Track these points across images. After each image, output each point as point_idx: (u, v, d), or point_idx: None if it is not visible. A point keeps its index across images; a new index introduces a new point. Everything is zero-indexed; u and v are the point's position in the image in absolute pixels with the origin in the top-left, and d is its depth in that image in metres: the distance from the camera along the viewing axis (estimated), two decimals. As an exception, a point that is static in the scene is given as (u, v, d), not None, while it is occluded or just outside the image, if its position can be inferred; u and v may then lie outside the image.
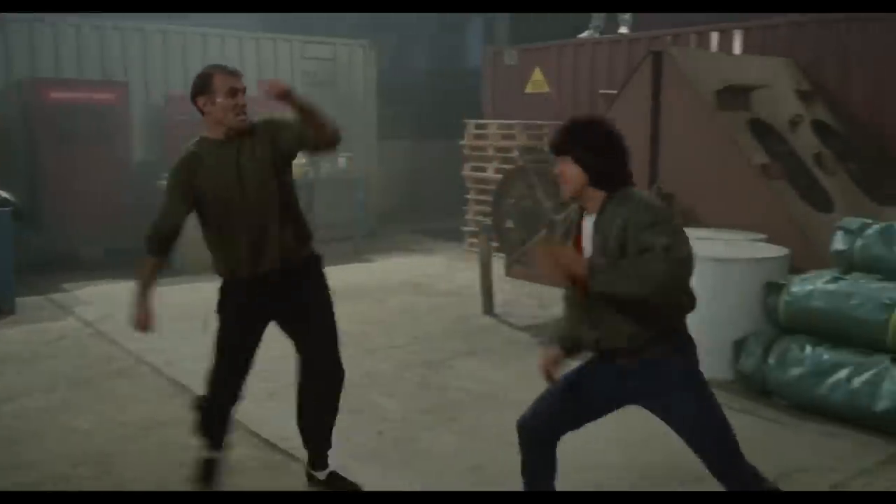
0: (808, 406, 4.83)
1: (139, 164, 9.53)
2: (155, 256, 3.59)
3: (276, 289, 3.54)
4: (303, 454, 3.98)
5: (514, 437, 4.29)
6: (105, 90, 9.26)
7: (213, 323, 3.69)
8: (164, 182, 3.62)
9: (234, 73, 3.44)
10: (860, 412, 4.56)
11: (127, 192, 9.24)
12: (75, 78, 9.40)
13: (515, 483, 3.92)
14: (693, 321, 5.50)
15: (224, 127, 3.41)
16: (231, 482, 3.83)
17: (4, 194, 7.43)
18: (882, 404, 4.47)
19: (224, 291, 3.64)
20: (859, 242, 5.15)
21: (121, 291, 8.02)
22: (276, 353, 3.94)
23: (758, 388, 5.12)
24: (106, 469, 4.09)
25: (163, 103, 9.92)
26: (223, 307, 3.63)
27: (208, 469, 3.68)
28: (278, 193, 3.48)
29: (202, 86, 3.39)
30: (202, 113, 3.43)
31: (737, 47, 8.80)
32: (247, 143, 3.44)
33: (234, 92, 3.38)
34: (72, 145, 8.88)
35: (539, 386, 3.54)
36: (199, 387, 4.85)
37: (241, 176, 3.40)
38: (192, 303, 7.28)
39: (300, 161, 10.03)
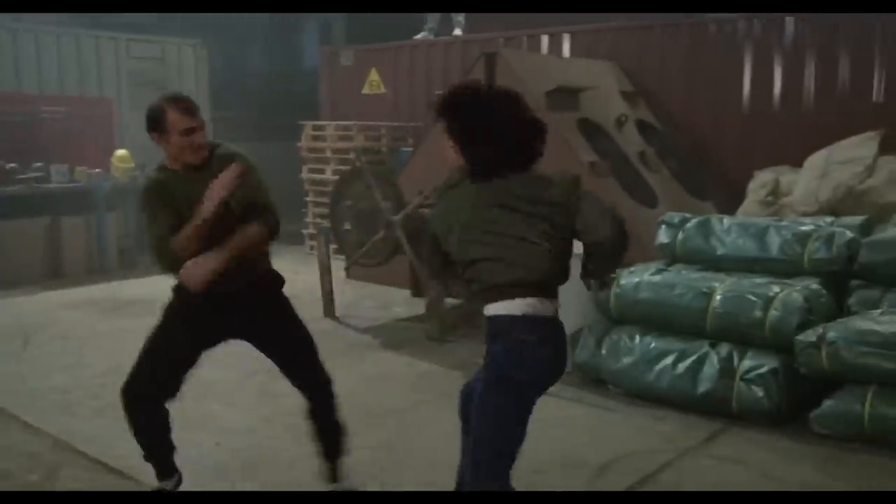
0: (639, 392, 5.05)
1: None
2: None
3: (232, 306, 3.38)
4: (136, 471, 3.77)
5: (360, 441, 4.25)
6: None
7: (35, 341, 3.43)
8: None
9: (191, 111, 3.25)
10: (685, 395, 4.82)
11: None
12: None
13: (357, 484, 3.89)
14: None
15: (181, 161, 3.29)
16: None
17: None
18: (703, 387, 4.74)
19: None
20: (680, 235, 5.46)
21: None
22: (103, 368, 3.72)
23: (592, 378, 5.32)
24: None
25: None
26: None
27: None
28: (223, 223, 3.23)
29: (156, 122, 3.25)
30: (158, 145, 3.32)
31: (566, 50, 9.13)
32: (203, 174, 3.24)
33: (190, 132, 3.22)
34: None
35: (380, 388, 3.52)
36: (14, 406, 4.53)
37: (191, 206, 3.16)
38: (8, 319, 6.79)
39: (127, 165, 9.59)
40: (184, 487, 3.68)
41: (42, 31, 10.00)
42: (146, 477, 3.93)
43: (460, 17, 10.59)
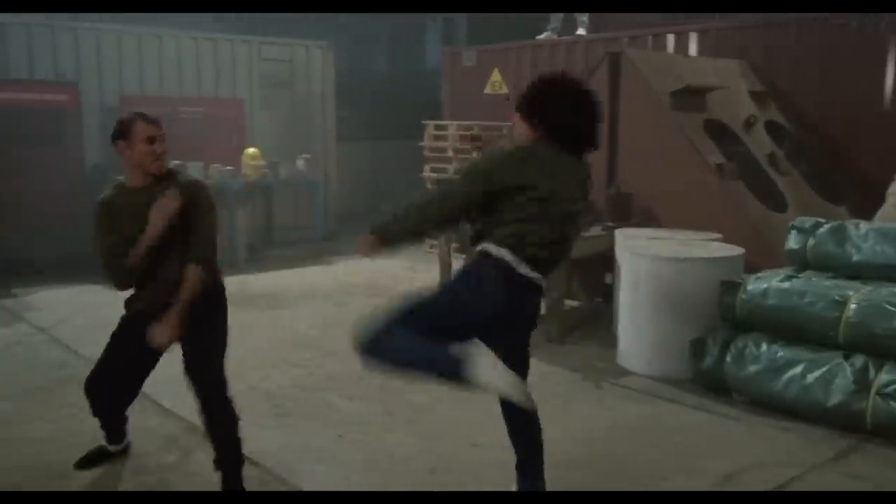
0: (765, 402, 4.90)
1: (92, 167, 9.35)
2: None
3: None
4: (261, 456, 3.93)
5: (477, 438, 4.31)
6: (56, 91, 9.06)
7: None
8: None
9: (155, 122, 3.60)
10: (814, 407, 4.65)
11: (80, 196, 9.07)
12: (25, 79, 9.20)
13: (478, 483, 3.94)
14: (651, 320, 5.59)
15: (140, 171, 3.60)
16: None
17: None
18: (834, 399, 4.55)
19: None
20: (812, 241, 5.25)
21: (74, 296, 7.89)
22: (230, 358, 3.90)
23: (715, 386, 5.19)
24: (61, 478, 4.00)
25: (117, 105, 9.76)
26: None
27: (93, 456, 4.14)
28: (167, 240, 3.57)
29: (122, 131, 3.56)
30: (121, 156, 3.61)
31: (692, 49, 8.92)
32: (152, 191, 3.57)
33: (152, 139, 3.55)
34: (22, 147, 8.69)
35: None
36: (154, 392, 4.81)
37: (138, 219, 3.53)
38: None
39: (257, 163, 10.01)
40: (297, 480, 3.80)
41: (183, 36, 10.54)
42: (272, 462, 4.11)
43: (584, 17, 10.50)
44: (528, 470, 3.53)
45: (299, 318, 7.06)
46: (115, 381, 3.91)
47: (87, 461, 4.12)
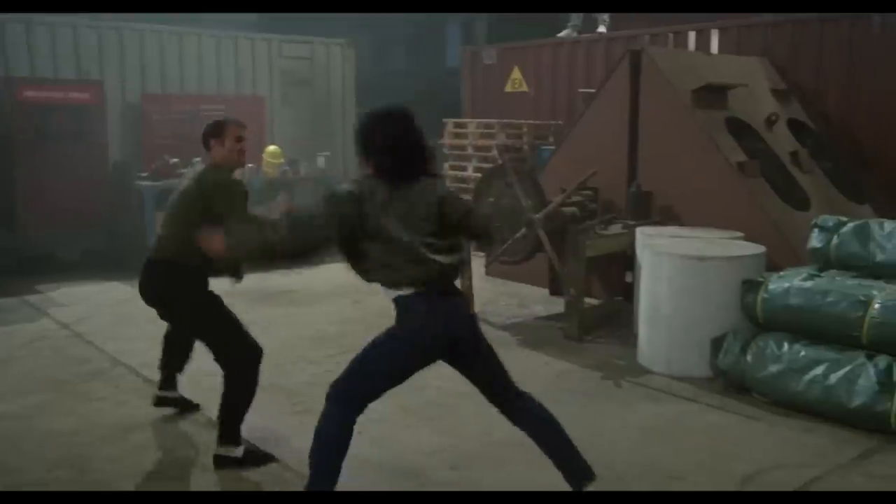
0: (786, 402, 4.87)
1: (116, 165, 9.44)
2: None
3: None
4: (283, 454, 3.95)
5: (495, 436, 4.31)
6: (80, 89, 9.16)
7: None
8: (141, 183, 4.15)
9: (242, 125, 4.28)
10: (836, 408, 4.61)
11: (103, 193, 9.17)
12: (50, 77, 9.29)
13: (496, 481, 3.94)
14: (671, 319, 5.56)
15: (230, 165, 4.23)
16: None
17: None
18: (857, 400, 4.51)
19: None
20: (835, 240, 5.20)
21: (97, 293, 7.97)
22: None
23: (736, 385, 5.16)
24: (83, 472, 4.05)
25: (139, 103, 9.85)
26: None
27: None
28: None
29: (215, 131, 4.18)
30: (211, 152, 4.19)
31: (714, 46, 8.86)
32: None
33: (240, 139, 4.22)
34: (47, 144, 8.78)
35: (518, 384, 3.55)
36: (180, 390, 4.85)
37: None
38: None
39: (277, 161, 10.05)
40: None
41: (205, 34, 10.61)
42: (291, 458, 4.13)
43: (605, 15, 10.46)
44: (574, 470, 3.49)
45: (318, 315, 7.08)
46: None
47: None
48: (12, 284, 8.09)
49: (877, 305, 4.57)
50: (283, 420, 4.70)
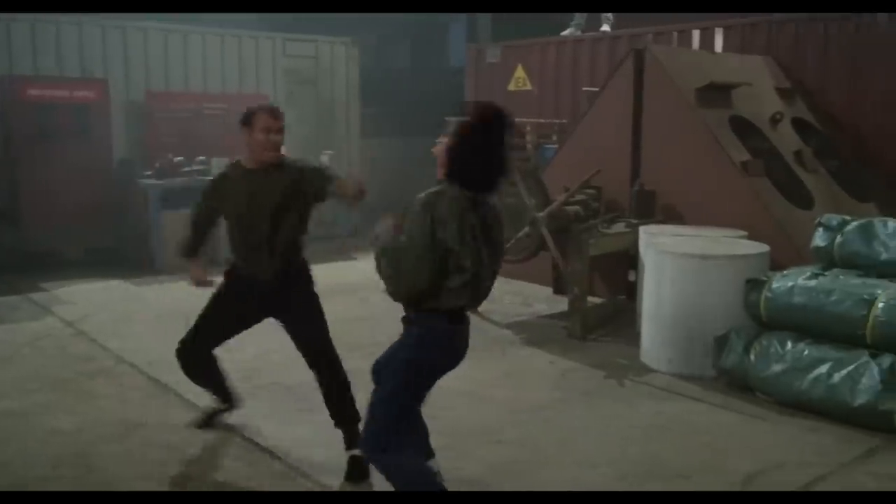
0: (790, 401, 4.86)
1: (120, 163, 9.45)
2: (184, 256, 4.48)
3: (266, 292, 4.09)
4: (283, 451, 3.94)
5: (501, 437, 4.31)
6: (84, 87, 9.16)
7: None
8: (145, 181, 4.10)
9: (274, 115, 3.97)
10: (840, 407, 4.60)
11: (107, 191, 9.17)
12: (54, 75, 9.30)
13: (496, 482, 3.94)
14: (674, 318, 5.56)
15: (255, 156, 3.98)
16: None
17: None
18: (861, 399, 4.51)
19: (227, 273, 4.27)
20: (839, 239, 5.20)
21: (101, 291, 7.98)
22: (253, 352, 3.92)
23: (740, 384, 5.16)
24: (87, 470, 4.05)
25: (143, 101, 9.85)
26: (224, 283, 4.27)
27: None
28: (280, 222, 4.01)
29: (246, 119, 3.95)
30: (245, 140, 3.99)
31: (718, 45, 8.84)
32: (267, 176, 3.98)
33: (268, 130, 3.91)
34: (51, 142, 8.79)
35: (521, 385, 3.55)
36: (182, 387, 4.85)
37: (249, 201, 3.99)
38: (172, 302, 7.25)
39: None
40: (320, 476, 3.81)
41: (208, 33, 10.61)
42: (294, 456, 4.14)
43: (608, 13, 10.44)
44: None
45: (326, 313, 7.07)
46: (206, 344, 4.30)
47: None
48: (16, 282, 8.11)
49: (881, 304, 4.56)
50: (287, 418, 4.71)
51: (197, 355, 4.27)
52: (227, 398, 4.52)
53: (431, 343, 3.16)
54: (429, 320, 3.12)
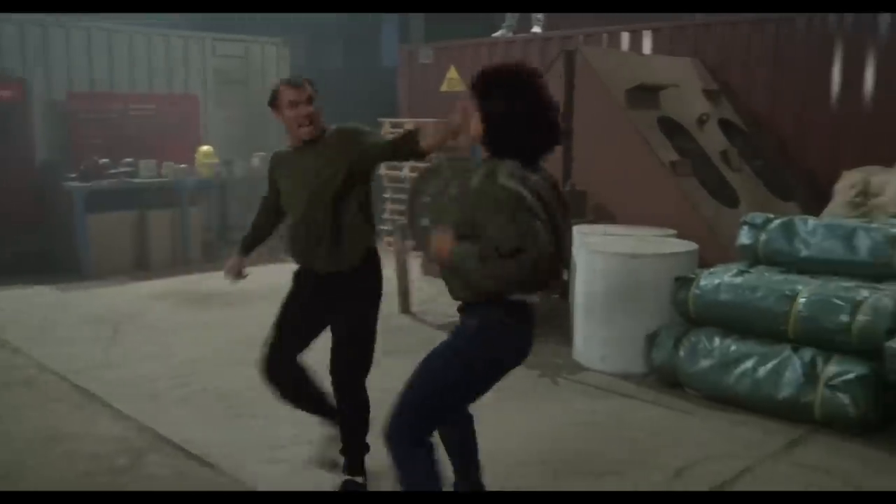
0: (718, 396, 4.97)
1: (42, 164, 9.16)
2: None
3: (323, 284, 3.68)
4: (215, 458, 3.87)
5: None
6: (2, 87, 8.86)
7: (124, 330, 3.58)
8: (70, 184, 3.76)
9: (296, 86, 3.54)
10: (765, 400, 4.73)
11: (31, 193, 8.89)
12: (-31, 75, 8.98)
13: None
14: (606, 316, 5.62)
15: (292, 135, 3.60)
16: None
17: None
18: (784, 392, 4.64)
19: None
20: (763, 237, 5.34)
21: (24, 297, 7.72)
22: (187, 357, 3.84)
23: (670, 380, 5.25)
24: (10, 483, 3.91)
25: (65, 101, 9.56)
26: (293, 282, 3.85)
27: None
28: (332, 201, 3.54)
29: (272, 99, 3.60)
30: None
31: (647, 47, 9.01)
32: (311, 152, 3.56)
33: (294, 104, 3.50)
34: (-32, 145, 8.50)
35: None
36: (111, 396, 4.72)
37: (295, 182, 3.62)
38: (99, 308, 7.07)
39: (212, 161, 9.87)
40: (251, 480, 3.76)
41: (136, 32, 10.35)
42: (225, 463, 4.06)
43: (539, 15, 10.54)
44: (471, 473, 3.49)
45: (255, 318, 6.95)
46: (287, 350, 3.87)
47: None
48: (-67, 289, 7.80)
49: (802, 300, 4.70)
50: (218, 424, 4.62)
51: (280, 366, 3.82)
52: (328, 414, 3.91)
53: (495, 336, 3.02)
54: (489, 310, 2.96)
